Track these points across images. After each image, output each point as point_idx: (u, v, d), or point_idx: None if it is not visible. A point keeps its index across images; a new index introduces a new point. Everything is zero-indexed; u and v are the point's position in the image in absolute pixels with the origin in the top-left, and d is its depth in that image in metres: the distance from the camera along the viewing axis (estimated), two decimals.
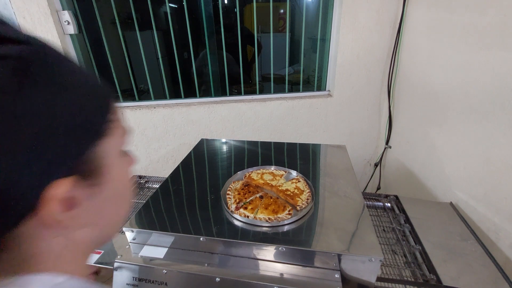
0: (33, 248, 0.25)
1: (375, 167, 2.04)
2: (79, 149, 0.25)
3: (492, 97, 1.04)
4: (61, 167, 0.24)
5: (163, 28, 1.88)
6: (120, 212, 0.33)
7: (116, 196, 0.31)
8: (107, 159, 0.28)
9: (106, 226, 0.32)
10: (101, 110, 0.28)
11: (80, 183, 0.26)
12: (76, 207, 0.26)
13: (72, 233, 0.28)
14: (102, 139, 0.28)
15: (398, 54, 1.67)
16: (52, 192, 0.23)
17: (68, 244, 0.28)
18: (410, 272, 0.89)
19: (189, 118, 1.82)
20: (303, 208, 0.88)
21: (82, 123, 0.25)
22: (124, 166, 0.33)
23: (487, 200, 1.08)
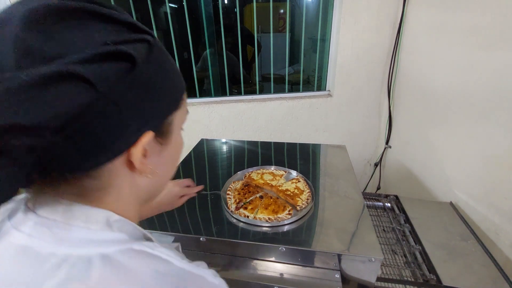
0: (110, 181, 0.30)
1: (375, 167, 2.04)
2: (165, 113, 0.33)
3: (492, 97, 1.04)
4: (153, 123, 0.31)
5: (163, 28, 1.88)
6: (170, 170, 0.39)
7: (171, 157, 0.37)
8: (174, 127, 0.36)
9: (160, 180, 0.37)
10: (181, 88, 0.36)
11: (154, 139, 0.32)
12: (146, 157, 0.32)
13: (138, 178, 0.33)
14: (177, 111, 0.35)
15: (398, 54, 1.67)
16: (142, 140, 0.29)
17: (132, 187, 0.33)
18: (410, 272, 0.90)
19: (189, 118, 1.79)
20: (303, 208, 0.88)
21: (173, 95, 0.34)
22: (181, 137, 0.40)
23: (487, 200, 1.08)
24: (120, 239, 0.30)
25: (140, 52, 0.27)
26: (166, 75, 0.32)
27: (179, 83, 0.35)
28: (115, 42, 0.26)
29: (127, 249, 0.28)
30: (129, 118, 0.27)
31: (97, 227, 0.29)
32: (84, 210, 0.29)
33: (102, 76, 0.24)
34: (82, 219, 0.29)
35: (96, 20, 0.26)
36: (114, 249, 0.28)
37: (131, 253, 0.28)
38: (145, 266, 0.28)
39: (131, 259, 0.28)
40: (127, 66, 0.26)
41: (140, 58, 0.27)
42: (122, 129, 0.27)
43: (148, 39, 0.29)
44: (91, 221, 0.29)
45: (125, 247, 0.29)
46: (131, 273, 0.27)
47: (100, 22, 0.27)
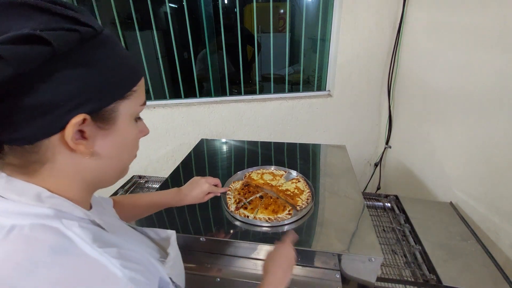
0: (48, 156, 0.34)
1: (375, 167, 2.04)
2: (104, 101, 0.36)
3: (492, 97, 1.04)
4: (87, 107, 0.34)
5: (163, 28, 1.88)
6: (119, 156, 0.41)
7: (118, 144, 0.40)
8: (119, 116, 0.38)
9: (107, 164, 0.40)
10: (129, 81, 0.39)
11: (93, 123, 0.35)
12: (87, 139, 0.35)
13: (82, 159, 0.36)
14: (123, 101, 0.38)
15: (398, 54, 1.67)
16: (72, 121, 0.32)
17: (75, 167, 0.37)
18: (410, 272, 0.89)
19: (189, 118, 1.82)
20: (303, 208, 0.88)
21: (115, 86, 0.37)
22: (133, 127, 0.42)
23: (487, 200, 1.08)
24: (41, 214, 0.33)
25: (64, 40, 0.30)
26: (106, 66, 0.35)
27: (127, 76, 0.38)
28: (42, 29, 0.29)
29: (38, 224, 0.32)
30: (56, 99, 0.31)
31: (27, 201, 0.33)
32: (20, 184, 0.34)
33: (17, 55, 0.27)
34: (17, 192, 0.34)
35: (35, 12, 0.31)
36: (26, 222, 0.32)
37: (39, 228, 0.32)
38: (44, 241, 0.31)
39: (35, 233, 0.31)
40: (45, 50, 0.29)
41: (62, 45, 0.30)
42: (50, 109, 0.31)
43: (80, 30, 0.32)
44: (24, 195, 0.34)
45: (38, 222, 0.32)
46: (27, 245, 0.30)
47: (39, 14, 0.31)
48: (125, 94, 0.38)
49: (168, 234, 0.54)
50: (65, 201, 0.36)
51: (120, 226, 0.48)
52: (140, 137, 0.46)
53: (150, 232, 0.54)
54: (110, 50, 0.36)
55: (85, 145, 0.35)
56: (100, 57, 0.35)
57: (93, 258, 0.32)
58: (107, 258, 0.33)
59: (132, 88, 0.39)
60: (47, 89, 0.30)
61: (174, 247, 0.51)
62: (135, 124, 0.43)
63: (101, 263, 0.33)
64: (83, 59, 0.33)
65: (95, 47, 0.34)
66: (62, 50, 0.30)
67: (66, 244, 0.32)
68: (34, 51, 0.28)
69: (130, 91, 0.39)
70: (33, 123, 0.31)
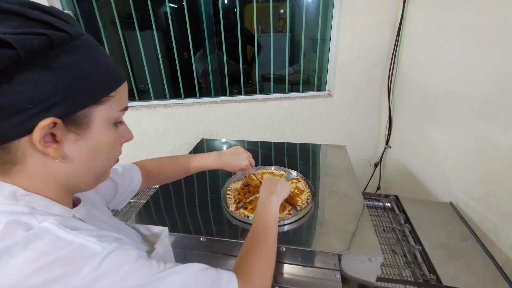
0: (19, 157, 0.34)
1: (375, 167, 2.04)
2: (75, 105, 0.35)
3: (492, 97, 1.04)
4: (57, 111, 0.34)
5: (163, 28, 1.88)
6: (93, 162, 0.41)
7: (94, 149, 0.39)
8: (94, 120, 0.38)
9: (81, 168, 0.39)
10: (105, 87, 0.38)
11: (65, 126, 0.35)
12: (58, 143, 0.35)
13: (51, 161, 0.36)
14: (97, 106, 0.38)
15: (398, 54, 1.67)
16: (40, 124, 0.33)
17: (46, 170, 0.36)
18: (410, 272, 0.90)
19: (189, 118, 1.82)
20: (303, 208, 0.88)
21: (87, 91, 0.36)
22: (110, 133, 0.41)
23: (487, 200, 1.08)
24: (17, 211, 0.34)
25: (29, 44, 0.30)
26: (78, 71, 0.35)
27: (103, 82, 0.38)
28: (10, 33, 0.30)
29: (12, 220, 0.33)
30: (22, 102, 0.31)
31: (1, 200, 0.34)
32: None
33: None
34: None
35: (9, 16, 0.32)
36: (1, 219, 0.32)
37: (13, 223, 0.32)
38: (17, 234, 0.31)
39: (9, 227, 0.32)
40: (9, 53, 0.29)
41: (27, 50, 0.30)
42: (16, 111, 0.31)
43: (49, 34, 0.32)
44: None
45: (13, 218, 0.33)
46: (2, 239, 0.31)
47: (12, 18, 0.32)
48: (100, 99, 0.38)
49: (160, 230, 0.54)
50: (41, 198, 0.36)
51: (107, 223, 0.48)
52: (122, 143, 0.45)
53: (142, 229, 0.54)
54: (84, 55, 0.36)
55: (55, 148, 0.35)
56: (71, 61, 0.34)
57: (67, 240, 0.33)
58: (82, 238, 0.33)
59: (109, 94, 0.39)
60: (14, 92, 0.31)
61: (163, 244, 0.51)
62: (113, 129, 0.42)
63: (76, 242, 0.33)
64: (53, 63, 0.33)
65: (67, 52, 0.34)
66: (27, 54, 0.30)
67: (39, 232, 0.32)
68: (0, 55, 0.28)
69: (107, 96, 0.38)
70: (0, 124, 0.31)
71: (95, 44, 0.39)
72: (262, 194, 0.77)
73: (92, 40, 0.38)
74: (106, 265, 0.33)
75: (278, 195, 0.76)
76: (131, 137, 0.47)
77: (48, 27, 0.33)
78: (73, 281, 0.31)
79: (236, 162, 0.83)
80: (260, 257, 0.56)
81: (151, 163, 0.76)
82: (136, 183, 0.68)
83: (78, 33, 0.36)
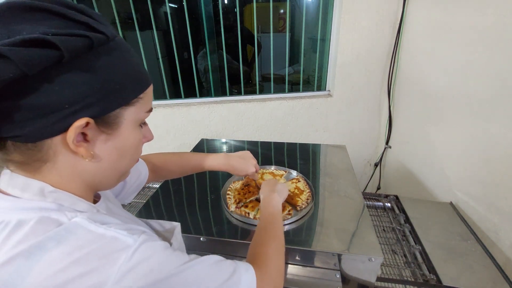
0: (50, 156, 0.35)
1: (375, 167, 2.04)
2: (109, 106, 0.36)
3: (492, 97, 1.04)
4: (91, 111, 0.34)
5: (163, 28, 1.88)
6: (120, 161, 0.41)
7: (119, 149, 0.40)
8: (123, 120, 0.39)
9: (107, 168, 0.40)
10: (135, 88, 0.39)
11: (96, 127, 0.36)
12: (89, 142, 0.36)
13: (80, 161, 0.37)
14: (128, 107, 0.39)
15: (398, 54, 1.67)
16: (75, 124, 0.33)
17: (75, 168, 0.37)
18: (410, 272, 0.90)
19: (189, 118, 1.82)
20: (303, 208, 0.88)
21: (121, 92, 0.37)
22: (137, 133, 0.42)
23: (487, 200, 1.08)
24: (45, 208, 0.35)
25: (73, 46, 0.31)
26: (113, 72, 0.36)
27: (134, 83, 0.39)
28: (53, 33, 0.30)
29: (43, 216, 0.33)
30: (61, 101, 0.32)
31: (30, 196, 0.35)
32: (23, 180, 0.35)
33: (24, 58, 0.28)
34: (20, 188, 0.35)
35: (49, 16, 0.32)
36: (32, 216, 0.33)
37: (44, 220, 0.33)
38: (49, 229, 0.32)
39: (40, 224, 0.32)
40: (53, 54, 0.29)
41: (71, 51, 0.30)
42: (53, 110, 0.32)
43: (91, 36, 0.32)
44: (27, 190, 0.35)
45: (43, 215, 0.33)
46: (35, 235, 0.31)
47: (52, 18, 0.32)
48: (131, 100, 0.38)
49: (173, 226, 0.55)
50: (67, 195, 0.37)
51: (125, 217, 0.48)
52: (144, 143, 0.46)
53: (155, 224, 0.54)
54: (118, 57, 0.37)
55: (86, 147, 0.36)
56: (108, 63, 0.35)
57: (99, 233, 0.34)
58: (114, 231, 0.35)
59: (139, 95, 0.39)
60: (52, 91, 0.31)
61: (177, 239, 0.52)
62: (139, 130, 0.43)
63: (108, 235, 0.34)
64: (91, 65, 0.33)
65: (104, 53, 0.35)
66: (70, 55, 0.31)
67: (71, 226, 0.33)
68: (42, 54, 0.29)
69: (136, 98, 0.39)
70: (36, 122, 0.32)
71: (127, 45, 0.39)
72: (264, 193, 0.78)
73: (124, 42, 0.39)
74: (138, 256, 0.34)
75: (279, 193, 0.78)
76: (152, 137, 0.48)
77: (87, 28, 0.34)
78: (108, 272, 0.32)
79: (243, 167, 0.82)
80: (272, 246, 0.58)
81: (157, 157, 0.77)
82: (143, 176, 0.69)
83: (113, 34, 0.36)
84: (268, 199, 0.74)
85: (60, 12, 0.32)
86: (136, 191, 0.69)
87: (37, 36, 0.29)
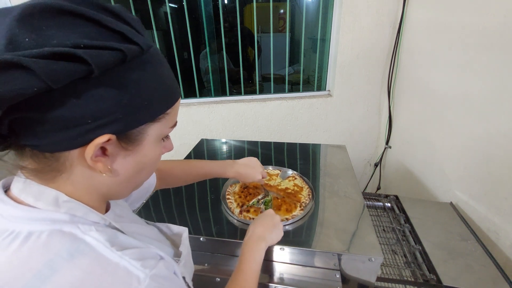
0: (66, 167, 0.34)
1: (375, 167, 2.04)
2: (133, 123, 0.34)
3: (492, 97, 1.04)
4: (114, 128, 0.32)
5: (163, 28, 1.88)
6: (136, 177, 0.40)
7: (138, 165, 0.38)
8: (146, 138, 0.37)
9: (123, 182, 0.39)
10: (162, 104, 0.37)
11: (117, 142, 0.34)
12: (107, 157, 0.34)
13: (96, 174, 0.35)
14: (153, 124, 0.37)
15: (398, 54, 1.67)
16: (96, 140, 0.32)
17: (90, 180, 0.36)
18: (410, 272, 0.90)
19: (189, 118, 1.82)
20: (307, 204, 0.88)
21: (148, 109, 0.35)
22: (158, 149, 0.41)
23: (487, 200, 1.08)
24: (58, 219, 0.33)
25: (104, 61, 0.29)
26: (142, 88, 0.33)
27: (162, 99, 0.37)
28: (85, 45, 0.28)
29: (56, 230, 0.32)
30: (84, 116, 0.30)
31: (43, 205, 0.33)
32: (38, 188, 0.34)
33: (51, 72, 0.26)
34: (34, 196, 0.33)
35: (83, 22, 0.29)
36: (44, 228, 0.32)
37: (57, 234, 0.32)
38: (62, 247, 0.31)
39: (52, 239, 0.31)
40: (82, 69, 0.28)
41: (101, 66, 0.28)
42: (76, 124, 0.30)
43: (125, 50, 0.30)
44: (41, 199, 0.33)
45: (55, 228, 0.32)
46: (46, 251, 0.30)
47: (86, 24, 0.29)
48: (157, 117, 0.37)
49: (180, 231, 0.54)
50: (81, 205, 0.36)
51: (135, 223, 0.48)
52: (163, 153, 0.45)
53: (163, 227, 0.54)
54: (150, 71, 0.34)
55: (104, 162, 0.34)
56: (138, 78, 0.33)
57: (113, 261, 0.32)
58: (127, 261, 0.33)
59: (166, 111, 0.38)
60: (77, 105, 0.30)
61: (185, 245, 0.52)
62: (160, 145, 0.42)
63: (121, 265, 0.33)
64: (120, 80, 0.32)
65: (136, 68, 0.33)
66: (100, 70, 0.29)
67: (84, 248, 0.32)
68: (70, 69, 0.27)
69: (163, 114, 0.37)
70: (56, 135, 0.30)
71: (161, 56, 0.37)
72: (253, 235, 0.66)
73: (158, 52, 0.37)
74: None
75: (268, 242, 0.67)
76: (172, 148, 0.47)
77: (122, 38, 0.31)
78: None
79: (251, 174, 0.81)
80: None
81: (164, 164, 0.76)
82: (151, 182, 0.68)
83: (148, 45, 0.34)
84: (252, 249, 0.63)
85: (95, 18, 0.30)
86: (144, 197, 0.68)
87: (67, 51, 0.27)
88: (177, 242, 0.52)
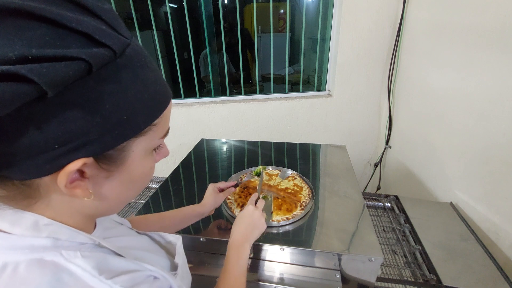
0: (41, 193, 0.29)
1: (375, 167, 2.04)
2: (112, 143, 0.29)
3: (492, 97, 1.04)
4: (90, 150, 0.28)
5: (163, 28, 1.88)
6: (129, 194, 0.36)
7: (128, 184, 0.34)
8: (131, 154, 0.32)
9: (111, 202, 0.34)
10: (149, 115, 0.31)
11: (96, 164, 0.29)
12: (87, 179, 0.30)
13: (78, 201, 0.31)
14: (137, 138, 0.31)
15: (398, 54, 1.67)
16: (68, 167, 0.27)
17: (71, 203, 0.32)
18: (410, 272, 0.89)
19: (189, 118, 1.82)
20: (307, 204, 0.88)
21: (127, 123, 0.29)
22: (148, 162, 0.35)
23: (487, 200, 1.08)
24: (38, 246, 0.29)
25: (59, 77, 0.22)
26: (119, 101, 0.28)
27: (147, 110, 0.31)
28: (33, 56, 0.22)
29: (35, 260, 0.28)
30: (47, 142, 0.25)
31: (21, 231, 0.29)
32: (13, 213, 0.29)
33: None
34: (10, 222, 0.29)
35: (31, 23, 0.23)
36: (21, 258, 0.28)
37: (36, 265, 0.28)
38: (42, 280, 0.27)
39: (31, 272, 0.27)
40: (31, 90, 0.22)
41: (56, 84, 0.23)
42: (39, 151, 0.25)
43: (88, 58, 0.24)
44: (18, 224, 0.29)
45: (34, 256, 0.28)
46: (21, 285, 0.27)
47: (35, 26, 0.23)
48: (142, 131, 0.31)
49: (174, 239, 0.51)
50: (64, 227, 0.32)
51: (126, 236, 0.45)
52: (158, 161, 0.39)
53: (155, 236, 0.51)
54: (127, 78, 0.28)
55: (83, 187, 0.29)
56: (112, 90, 0.27)
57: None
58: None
59: (152, 122, 0.32)
60: (36, 131, 0.24)
61: (180, 254, 0.49)
62: (151, 157, 0.36)
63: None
64: (88, 95, 0.25)
65: (108, 78, 0.26)
66: (55, 90, 0.23)
67: (69, 279, 0.28)
68: (14, 91, 0.21)
69: (150, 126, 0.32)
70: (21, 162, 0.26)
71: (142, 55, 0.30)
72: (236, 239, 0.64)
73: (139, 50, 0.30)
74: None
75: (251, 241, 0.66)
76: (168, 154, 0.41)
77: (87, 40, 0.25)
78: None
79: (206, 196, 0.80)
80: None
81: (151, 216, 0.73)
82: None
83: (124, 44, 0.27)
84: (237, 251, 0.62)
85: (49, 16, 0.23)
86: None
87: (6, 70, 0.21)
88: (171, 250, 0.50)
